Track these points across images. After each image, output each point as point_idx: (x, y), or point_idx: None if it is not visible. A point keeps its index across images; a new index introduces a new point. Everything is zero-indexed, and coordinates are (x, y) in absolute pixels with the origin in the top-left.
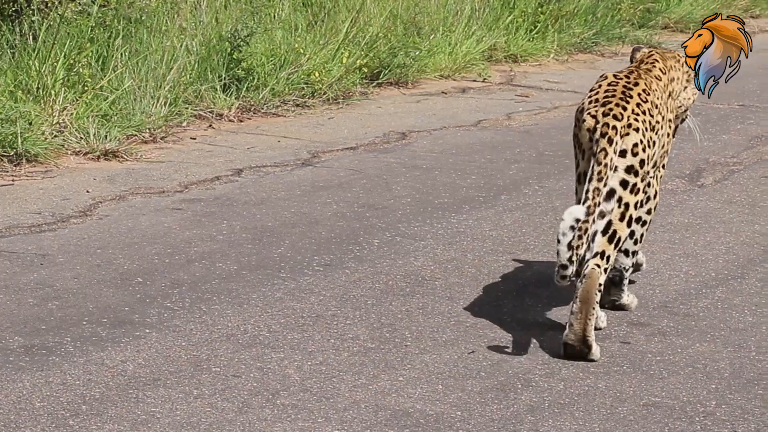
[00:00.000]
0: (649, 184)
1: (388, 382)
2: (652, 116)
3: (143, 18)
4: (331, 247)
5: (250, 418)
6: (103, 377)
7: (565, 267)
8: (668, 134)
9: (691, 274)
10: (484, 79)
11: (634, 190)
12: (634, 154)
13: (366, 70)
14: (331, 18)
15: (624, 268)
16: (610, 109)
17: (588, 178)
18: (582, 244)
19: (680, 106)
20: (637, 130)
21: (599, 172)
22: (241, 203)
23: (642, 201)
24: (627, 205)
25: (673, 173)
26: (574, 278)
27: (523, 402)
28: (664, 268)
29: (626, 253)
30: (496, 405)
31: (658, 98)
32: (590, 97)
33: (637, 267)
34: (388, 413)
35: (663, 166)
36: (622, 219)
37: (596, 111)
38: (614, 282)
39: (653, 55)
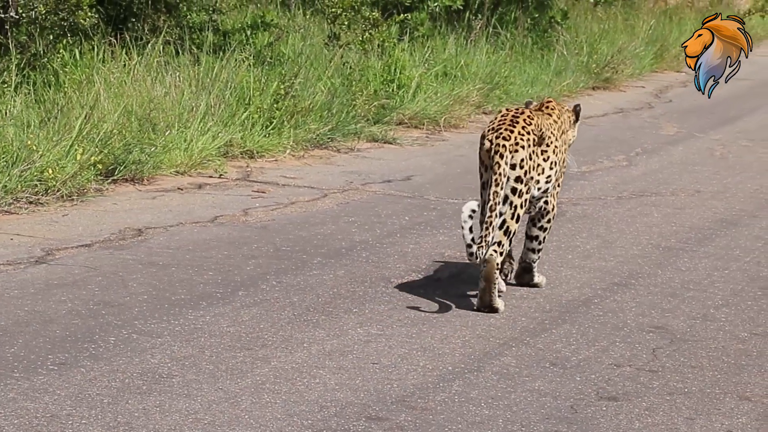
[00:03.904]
0: (546, 202)
1: None
2: (535, 135)
3: None
4: (66, 345)
5: None
6: None
7: (470, 246)
8: (564, 159)
9: (428, 368)
10: (221, 175)
11: (521, 195)
12: (521, 167)
13: (101, 167)
14: (65, 114)
15: (532, 261)
16: (501, 133)
17: (489, 185)
18: (489, 233)
19: (565, 142)
20: (523, 147)
21: (496, 180)
22: None
23: (526, 200)
24: (516, 206)
25: (410, 268)
26: (480, 254)
27: None
28: (402, 362)
29: (533, 250)
30: None
31: (554, 130)
32: (489, 126)
33: (536, 285)
34: None
35: (558, 185)
36: (512, 217)
37: (491, 136)
38: (526, 270)
39: (551, 102)
